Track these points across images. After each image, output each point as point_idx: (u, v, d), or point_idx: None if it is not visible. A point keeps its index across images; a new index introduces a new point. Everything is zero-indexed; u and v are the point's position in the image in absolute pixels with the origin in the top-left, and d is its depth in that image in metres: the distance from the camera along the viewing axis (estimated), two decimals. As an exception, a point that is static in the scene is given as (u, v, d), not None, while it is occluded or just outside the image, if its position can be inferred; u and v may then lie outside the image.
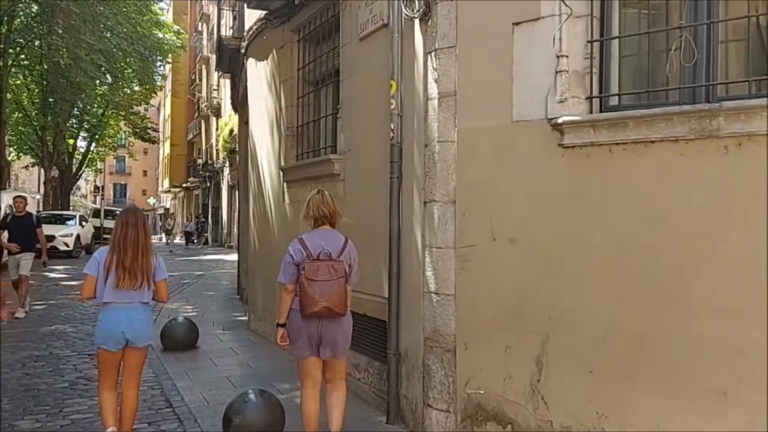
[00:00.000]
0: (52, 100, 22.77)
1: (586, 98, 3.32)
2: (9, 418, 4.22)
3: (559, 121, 3.25)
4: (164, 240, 32.16)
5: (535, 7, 3.39)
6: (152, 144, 35.92)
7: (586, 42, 3.32)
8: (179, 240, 35.04)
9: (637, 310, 3.05)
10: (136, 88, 27.21)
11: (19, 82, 22.85)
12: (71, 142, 27.80)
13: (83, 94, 22.62)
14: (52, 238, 17.29)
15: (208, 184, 37.20)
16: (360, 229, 4.68)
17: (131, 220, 3.53)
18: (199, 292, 11.80)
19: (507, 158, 3.54)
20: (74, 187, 34.24)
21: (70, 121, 25.95)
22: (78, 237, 19.32)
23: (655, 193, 3.00)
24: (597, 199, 3.20)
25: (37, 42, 20.54)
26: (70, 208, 29.40)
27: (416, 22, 3.97)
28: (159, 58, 27.07)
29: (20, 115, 24.04)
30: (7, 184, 21.88)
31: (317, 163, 5.62)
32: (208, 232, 36.17)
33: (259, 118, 7.44)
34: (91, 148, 30.34)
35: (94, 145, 30.06)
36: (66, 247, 18.32)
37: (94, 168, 36.94)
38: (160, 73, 31.22)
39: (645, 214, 3.03)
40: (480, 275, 3.63)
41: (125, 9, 21.60)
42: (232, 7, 10.72)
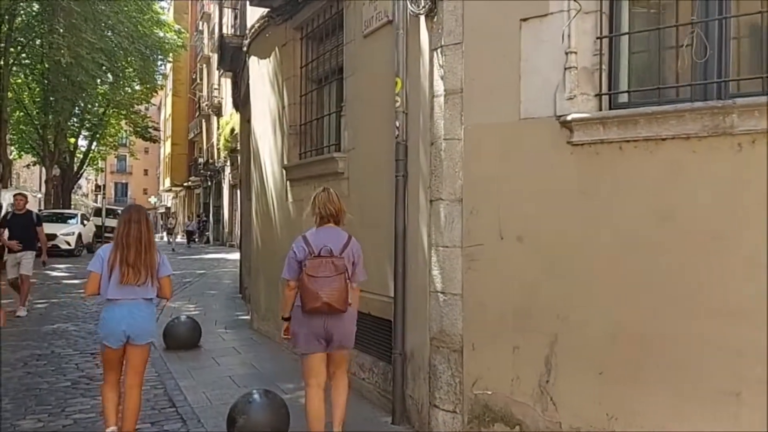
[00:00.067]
0: (53, 98, 22.77)
1: (595, 95, 3.28)
2: (11, 418, 4.19)
3: (569, 118, 3.21)
4: (166, 239, 32.15)
5: (543, 3, 3.35)
6: (153, 143, 35.97)
7: (596, 38, 3.28)
8: (180, 239, 35.02)
9: (648, 310, 3.01)
10: (137, 87, 27.22)
11: (20, 81, 22.85)
12: (72, 140, 27.80)
13: (84, 93, 22.63)
14: (53, 237, 17.30)
15: (209, 183, 37.18)
16: (364, 227, 4.64)
17: (134, 217, 3.57)
18: (201, 290, 11.77)
19: (515, 156, 3.49)
20: (75, 186, 34.26)
21: (72, 120, 25.95)
22: (79, 236, 19.28)
23: (667, 191, 2.95)
24: (606, 197, 3.15)
25: (38, 41, 20.53)
26: (72, 207, 29.41)
27: (422, 18, 3.92)
28: (160, 57, 27.07)
29: (21, 114, 24.06)
30: (9, 183, 21.84)
31: (321, 161, 5.58)
32: (209, 231, 36.16)
33: (262, 117, 7.40)
34: (93, 147, 30.35)
35: (95, 144, 30.07)
36: (67, 246, 18.30)
37: (96, 167, 36.98)
38: (161, 72, 31.18)
39: (656, 212, 2.99)
40: (487, 274, 3.59)
41: (126, 8, 21.57)
42: (233, 5, 10.66)
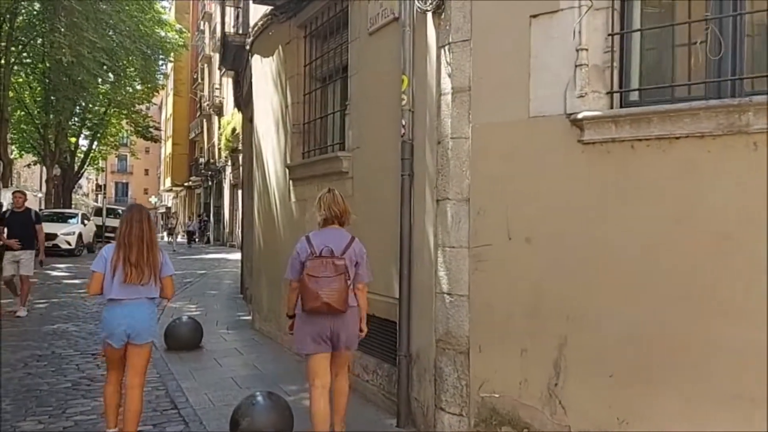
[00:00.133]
0: (54, 98, 22.74)
1: (607, 93, 3.21)
2: (11, 420, 4.13)
3: (579, 116, 3.15)
4: (166, 239, 32.10)
5: (553, -1, 3.29)
6: (154, 143, 35.95)
7: (607, 35, 3.22)
8: (181, 239, 34.99)
9: (660, 311, 2.94)
10: (138, 86, 27.17)
11: (21, 80, 22.81)
12: (73, 140, 27.77)
13: (85, 93, 22.59)
14: (54, 237, 17.29)
15: (210, 183, 37.14)
16: (369, 227, 4.58)
17: (136, 217, 3.58)
18: (202, 291, 11.72)
19: (523, 155, 3.43)
20: (76, 186, 34.20)
21: (73, 120, 25.95)
22: (80, 235, 19.24)
23: (680, 191, 2.89)
24: (618, 197, 3.09)
25: (40, 40, 20.49)
26: (72, 207, 29.36)
27: (429, 15, 3.87)
28: (161, 56, 27.04)
29: (22, 113, 24.03)
30: (10, 182, 21.78)
31: (324, 160, 5.52)
32: (210, 231, 36.12)
33: (264, 116, 7.34)
34: (93, 147, 30.32)
35: (96, 143, 30.03)
36: (68, 246, 18.26)
37: (96, 166, 36.95)
38: (162, 71, 31.14)
39: (668, 212, 2.93)
40: (495, 275, 3.53)
41: (128, 7, 21.54)
42: (236, 4, 10.60)
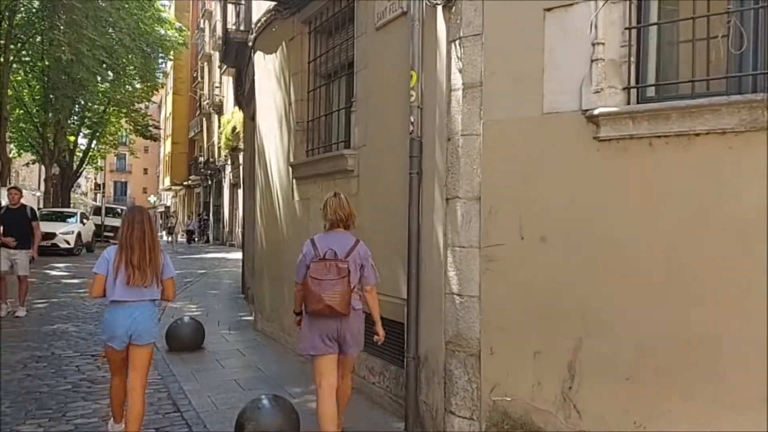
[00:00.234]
0: (53, 96, 22.64)
1: (623, 89, 3.13)
2: (10, 423, 4.04)
3: (595, 112, 3.06)
4: (166, 238, 32.00)
5: (568, -8, 3.20)
6: (153, 141, 35.84)
7: (624, 29, 3.13)
8: (181, 238, 34.89)
9: (679, 313, 2.86)
10: (138, 85, 27.09)
11: (20, 79, 22.67)
12: (72, 139, 27.64)
13: (84, 91, 22.50)
14: (53, 236, 17.19)
15: (210, 182, 37.02)
16: (375, 226, 4.51)
17: (137, 218, 3.57)
18: (203, 290, 11.63)
19: (537, 152, 3.35)
20: (75, 185, 34.07)
21: (71, 118, 25.85)
22: (79, 234, 19.10)
23: (701, 189, 2.81)
24: (635, 195, 3.01)
25: (39, 37, 20.37)
26: (71, 206, 29.25)
27: (439, 9, 3.77)
28: (161, 54, 26.94)
29: (21, 112, 23.89)
30: (8, 181, 21.65)
31: (329, 158, 5.43)
32: (210, 230, 36.01)
33: (267, 113, 7.25)
34: (92, 146, 30.19)
35: (95, 142, 29.91)
36: (67, 245, 18.13)
37: (95, 165, 36.82)
38: (161, 70, 31.04)
39: (688, 211, 2.84)
40: (507, 276, 3.44)
41: (127, 5, 21.44)
42: (237, 0, 10.51)
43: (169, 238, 30.85)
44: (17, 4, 18.77)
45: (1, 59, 18.32)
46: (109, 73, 23.02)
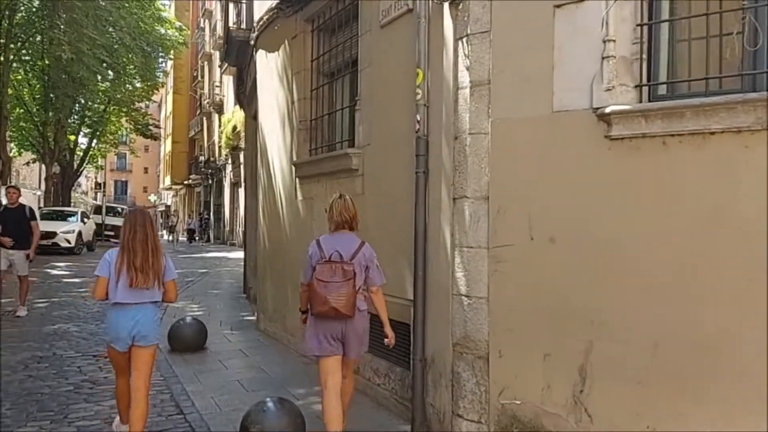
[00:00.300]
0: (53, 95, 22.59)
1: (635, 86, 3.07)
2: (11, 425, 3.99)
3: (607, 110, 3.01)
4: (166, 237, 31.96)
5: (578, -12, 3.15)
6: (154, 141, 35.79)
7: (635, 25, 3.08)
8: (182, 237, 34.85)
9: (693, 315, 2.81)
10: (138, 84, 27.04)
11: (20, 78, 22.63)
12: (72, 138, 27.59)
13: (85, 90, 22.46)
14: (54, 235, 17.14)
15: (210, 182, 36.97)
16: (380, 226, 4.45)
17: (139, 221, 3.56)
18: (204, 290, 11.57)
19: (546, 151, 3.29)
20: (75, 184, 34.01)
21: (72, 118, 25.79)
22: (80, 233, 19.04)
23: (715, 188, 2.75)
24: (648, 194, 2.95)
25: (39, 37, 20.33)
26: (71, 205, 29.21)
27: (445, 6, 3.72)
28: (161, 54, 26.90)
29: (21, 111, 23.86)
30: (8, 180, 21.60)
31: (333, 157, 5.38)
32: (211, 230, 35.97)
33: (269, 112, 7.19)
34: (93, 145, 30.13)
35: (95, 141, 29.85)
36: (67, 244, 18.09)
37: (95, 165, 36.73)
38: (162, 69, 30.98)
39: (703, 210, 2.79)
40: (516, 277, 3.39)
41: (127, 4, 21.41)
42: (238, -1, 10.45)
43: (170, 237, 30.83)
44: (17, 3, 18.73)
45: (2, 58, 18.29)
46: (110, 72, 23.00)
